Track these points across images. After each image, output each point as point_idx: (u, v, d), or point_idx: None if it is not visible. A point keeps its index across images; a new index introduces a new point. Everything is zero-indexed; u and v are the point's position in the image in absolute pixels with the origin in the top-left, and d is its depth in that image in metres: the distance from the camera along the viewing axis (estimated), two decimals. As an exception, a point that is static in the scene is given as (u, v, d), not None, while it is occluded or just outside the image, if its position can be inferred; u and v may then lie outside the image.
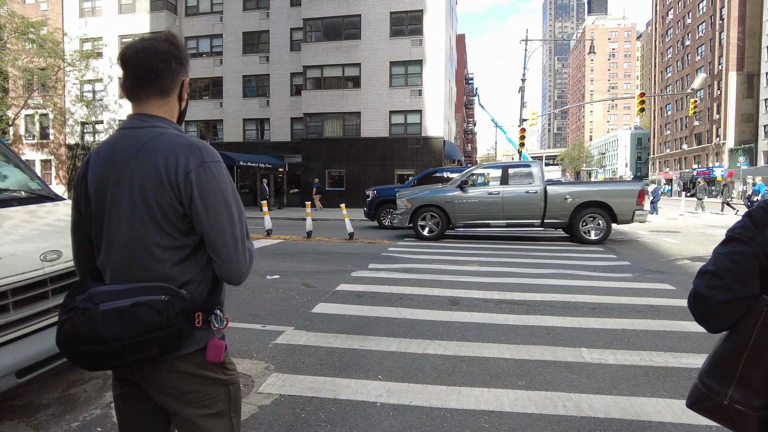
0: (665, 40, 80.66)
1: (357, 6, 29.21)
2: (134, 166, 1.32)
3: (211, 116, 33.77)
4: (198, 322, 1.34)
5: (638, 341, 4.38)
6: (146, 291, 1.27)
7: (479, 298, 6.01)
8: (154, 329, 1.24)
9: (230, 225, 1.35)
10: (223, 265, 1.37)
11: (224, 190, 1.35)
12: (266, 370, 3.71)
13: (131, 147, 1.34)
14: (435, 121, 28.69)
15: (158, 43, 1.38)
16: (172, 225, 1.32)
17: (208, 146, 1.38)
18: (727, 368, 1.17)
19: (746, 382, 1.13)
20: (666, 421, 2.90)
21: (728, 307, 1.14)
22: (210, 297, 1.40)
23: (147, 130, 1.35)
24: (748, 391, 1.13)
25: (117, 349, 1.24)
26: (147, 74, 1.37)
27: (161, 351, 1.28)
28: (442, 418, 2.95)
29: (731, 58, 58.97)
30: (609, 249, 10.79)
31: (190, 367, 1.38)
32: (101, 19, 33.79)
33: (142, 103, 1.40)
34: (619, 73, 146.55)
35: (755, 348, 1.12)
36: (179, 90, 1.45)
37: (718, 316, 1.16)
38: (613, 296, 6.10)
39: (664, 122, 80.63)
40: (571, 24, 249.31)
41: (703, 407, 1.23)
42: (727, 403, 1.16)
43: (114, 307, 1.23)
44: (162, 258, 1.32)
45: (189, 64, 1.48)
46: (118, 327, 1.22)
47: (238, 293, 6.24)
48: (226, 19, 33.11)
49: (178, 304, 1.28)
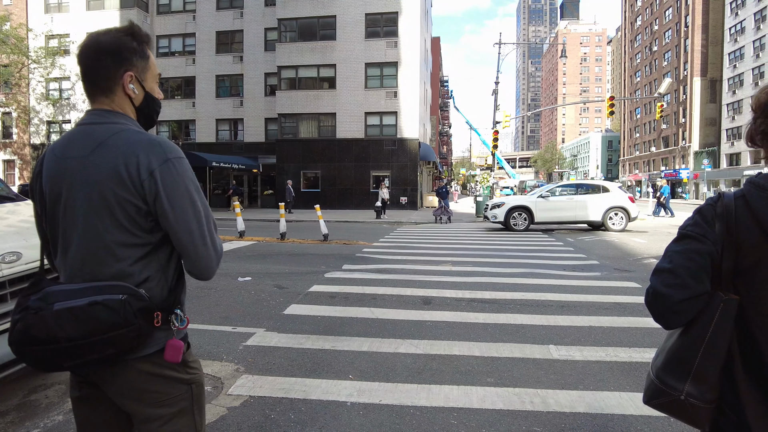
0: (634, 45, 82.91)
1: (332, 7, 29.16)
2: (92, 163, 1.29)
3: (184, 116, 33.17)
4: (157, 322, 1.31)
5: (604, 338, 4.49)
6: (103, 290, 1.24)
7: (451, 297, 6.07)
8: (110, 329, 1.21)
9: (197, 221, 1.34)
10: (192, 261, 1.36)
11: (189, 186, 1.34)
12: (236, 371, 3.67)
13: (88, 143, 1.31)
14: (410, 122, 28.83)
15: (96, 37, 1.35)
16: (134, 223, 1.30)
17: (169, 143, 1.36)
18: (683, 364, 1.18)
19: (701, 377, 1.16)
20: (628, 414, 2.99)
21: (686, 304, 1.15)
22: (170, 296, 1.38)
23: (105, 126, 1.32)
24: (703, 385, 1.16)
25: (71, 349, 1.21)
26: (84, 72, 1.36)
27: (118, 351, 1.25)
28: (412, 416, 2.98)
29: (695, 64, 61.03)
30: (579, 249, 11.03)
31: (151, 367, 1.35)
32: (68, 15, 32.82)
33: (93, 100, 1.38)
34: (591, 77, 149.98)
35: (711, 344, 1.14)
36: (122, 86, 1.37)
37: (677, 315, 1.17)
38: (581, 294, 6.25)
39: (634, 125, 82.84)
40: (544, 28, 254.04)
41: (660, 403, 1.24)
42: (683, 398, 1.18)
43: (68, 307, 1.21)
44: (121, 256, 1.30)
45: (141, 55, 1.40)
46: (71, 327, 1.19)
47: (209, 295, 6.15)
48: (199, 17, 32.61)
49: (136, 304, 1.25)
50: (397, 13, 28.63)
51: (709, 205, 1.21)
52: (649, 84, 75.14)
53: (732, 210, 1.16)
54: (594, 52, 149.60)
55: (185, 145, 31.53)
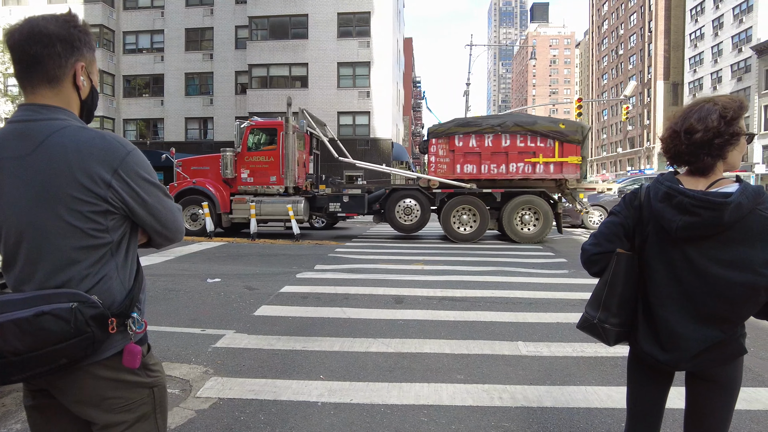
0: (601, 48, 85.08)
1: (304, 6, 28.95)
2: (34, 163, 1.20)
3: (152, 114, 32.37)
4: (112, 329, 1.25)
5: (571, 334, 4.60)
6: (51, 299, 1.16)
7: (423, 296, 6.11)
8: (61, 339, 1.14)
9: (166, 200, 1.38)
10: (168, 231, 1.41)
11: (151, 173, 1.33)
12: (205, 374, 3.61)
13: (27, 142, 1.21)
14: (383, 122, 28.87)
15: (42, 23, 1.24)
16: (92, 223, 1.23)
17: (119, 136, 1.31)
18: (597, 299, 1.69)
19: (606, 307, 1.66)
20: (593, 407, 3.08)
21: (598, 257, 1.69)
22: (127, 298, 1.32)
23: (44, 124, 1.23)
24: (607, 313, 1.66)
25: (17, 363, 1.14)
26: (27, 59, 1.23)
27: (71, 361, 1.19)
28: (383, 414, 2.99)
29: (659, 67, 63.10)
30: (547, 247, 11.25)
31: (109, 372, 1.29)
32: (28, 8, 31.50)
33: (29, 92, 1.26)
34: (560, 79, 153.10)
35: (611, 283, 1.64)
36: (72, 76, 1.29)
37: (593, 264, 1.71)
38: (549, 292, 6.38)
39: (601, 126, 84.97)
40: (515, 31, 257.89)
41: (584, 326, 1.76)
42: (596, 322, 1.69)
43: (11, 319, 1.12)
44: (76, 258, 1.24)
45: (89, 46, 1.33)
46: (17, 340, 1.11)
47: (177, 297, 6.03)
48: (168, 14, 31.86)
49: (88, 312, 1.18)
50: (369, 13, 28.63)
51: (631, 193, 1.71)
52: (616, 86, 77.21)
53: (642, 197, 1.64)
54: (563, 54, 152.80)
55: (153, 144, 30.78)
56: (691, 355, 1.54)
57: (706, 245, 1.49)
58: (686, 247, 1.53)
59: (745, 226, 1.44)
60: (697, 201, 1.46)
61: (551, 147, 11.74)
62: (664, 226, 1.55)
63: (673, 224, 1.51)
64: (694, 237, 1.50)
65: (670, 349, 1.57)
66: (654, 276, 1.60)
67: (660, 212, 1.55)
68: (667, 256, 1.57)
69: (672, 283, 1.57)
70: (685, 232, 1.50)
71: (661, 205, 1.55)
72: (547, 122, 11.96)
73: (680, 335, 1.55)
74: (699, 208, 1.45)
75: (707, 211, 1.44)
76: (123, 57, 32.63)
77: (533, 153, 11.83)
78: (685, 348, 1.54)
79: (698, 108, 1.56)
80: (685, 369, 1.60)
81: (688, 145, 1.55)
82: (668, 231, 1.53)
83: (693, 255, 1.52)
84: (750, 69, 46.59)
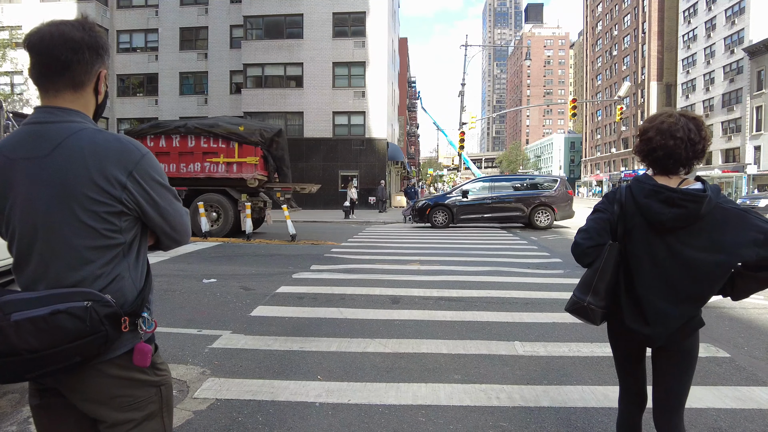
0: (595, 49, 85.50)
1: (299, 5, 28.92)
2: (52, 163, 1.23)
3: (146, 114, 32.18)
4: (125, 327, 1.27)
5: (567, 333, 4.62)
6: (66, 297, 1.18)
7: (419, 296, 6.12)
8: (76, 338, 1.16)
9: (176, 203, 1.42)
10: (176, 234, 1.44)
11: (162, 176, 1.37)
12: (202, 375, 3.60)
13: (44, 144, 1.24)
14: (378, 122, 28.87)
15: (69, 29, 1.26)
16: (106, 223, 1.26)
17: (133, 139, 1.35)
18: (587, 284, 1.88)
19: (596, 292, 1.85)
20: (590, 407, 3.09)
21: (591, 249, 1.86)
22: (138, 298, 1.34)
23: (61, 126, 1.26)
24: (597, 296, 1.85)
25: (33, 360, 1.15)
26: (55, 65, 1.25)
27: (84, 359, 1.21)
28: (381, 415, 2.99)
29: (652, 68, 63.47)
30: (542, 247, 11.30)
31: (119, 371, 1.31)
32: (20, 6, 31.30)
33: (51, 95, 1.29)
34: (554, 80, 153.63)
35: (602, 270, 1.82)
36: (95, 82, 1.34)
37: (587, 256, 1.88)
38: (545, 291, 6.40)
39: (595, 127, 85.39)
40: (510, 31, 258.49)
41: (573, 309, 1.96)
42: (586, 304, 1.88)
43: (28, 317, 1.14)
44: (90, 258, 1.26)
45: (108, 54, 1.38)
46: (33, 338, 1.13)
47: (173, 298, 6.01)
48: (162, 13, 31.75)
49: (102, 310, 1.20)
50: (365, 12, 28.64)
51: (612, 191, 1.93)
52: (610, 87, 77.62)
53: (623, 195, 1.85)
54: (557, 55, 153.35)
55: (147, 143, 30.63)
56: (671, 330, 1.79)
57: (682, 235, 1.73)
58: (667, 237, 1.75)
59: (712, 217, 1.69)
60: (685, 195, 1.69)
61: (233, 148, 12.53)
62: (650, 218, 1.75)
63: (662, 216, 1.72)
64: (677, 227, 1.72)
65: (654, 324, 1.79)
66: (639, 263, 1.81)
67: (647, 207, 1.75)
68: (650, 246, 1.78)
69: (655, 269, 1.78)
70: (674, 222, 1.71)
71: (646, 200, 1.75)
72: (227, 124, 12.83)
73: (665, 313, 1.78)
74: (686, 201, 1.68)
75: (692, 203, 1.67)
76: (117, 56, 32.48)
77: (217, 153, 12.67)
78: (666, 324, 1.78)
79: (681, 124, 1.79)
80: (661, 343, 1.83)
81: (694, 153, 1.78)
82: (656, 222, 1.74)
83: (673, 243, 1.74)
84: (742, 70, 47.00)
